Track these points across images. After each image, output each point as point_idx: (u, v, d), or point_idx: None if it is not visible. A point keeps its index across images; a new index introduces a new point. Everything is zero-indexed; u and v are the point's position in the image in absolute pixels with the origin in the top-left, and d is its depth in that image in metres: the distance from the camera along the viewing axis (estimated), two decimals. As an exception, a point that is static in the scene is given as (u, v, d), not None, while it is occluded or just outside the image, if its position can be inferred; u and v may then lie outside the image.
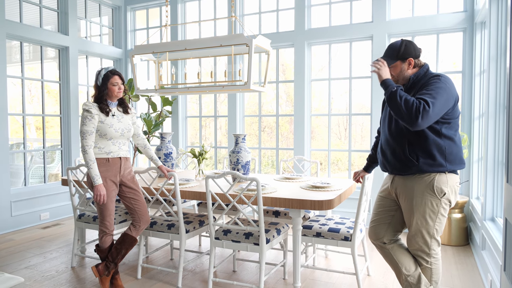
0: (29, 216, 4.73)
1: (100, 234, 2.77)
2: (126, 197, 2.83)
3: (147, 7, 5.98)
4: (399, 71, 2.17)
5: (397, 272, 2.31)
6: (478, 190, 3.99)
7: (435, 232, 2.15)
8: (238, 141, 3.39)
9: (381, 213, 2.39)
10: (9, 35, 4.48)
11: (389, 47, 2.19)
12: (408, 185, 2.16)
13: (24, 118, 4.79)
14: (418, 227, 2.16)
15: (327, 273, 3.22)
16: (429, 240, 2.15)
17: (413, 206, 2.14)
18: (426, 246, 2.16)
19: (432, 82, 2.04)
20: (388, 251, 2.34)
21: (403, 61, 2.15)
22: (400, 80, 2.21)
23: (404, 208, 2.22)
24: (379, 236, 2.37)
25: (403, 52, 2.14)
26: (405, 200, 2.20)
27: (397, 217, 2.35)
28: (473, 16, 4.08)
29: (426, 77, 2.12)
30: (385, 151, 2.25)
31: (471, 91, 4.13)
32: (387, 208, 2.37)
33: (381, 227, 2.37)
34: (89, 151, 2.61)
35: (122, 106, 2.83)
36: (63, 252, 3.79)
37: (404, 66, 2.15)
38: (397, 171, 2.19)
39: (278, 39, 4.94)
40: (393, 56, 2.16)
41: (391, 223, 2.36)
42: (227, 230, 2.80)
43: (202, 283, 3.04)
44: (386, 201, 2.38)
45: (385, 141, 2.26)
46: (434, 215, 2.12)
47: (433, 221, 2.13)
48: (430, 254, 2.17)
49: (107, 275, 2.79)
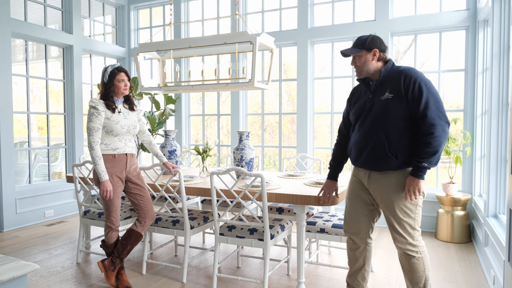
0: (33, 213, 4.76)
1: (106, 229, 2.80)
2: (132, 193, 2.86)
3: (150, 6, 6.01)
4: (363, 61, 2.21)
5: (359, 267, 2.41)
6: (481, 187, 4.01)
7: (416, 224, 2.21)
8: (242, 138, 3.42)
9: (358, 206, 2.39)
10: (14, 34, 4.52)
11: (357, 38, 2.26)
12: (386, 180, 2.19)
13: (29, 116, 4.83)
14: (401, 222, 2.18)
15: (330, 269, 3.24)
16: (412, 232, 2.20)
17: (394, 201, 2.17)
18: (412, 239, 2.20)
19: (420, 87, 2.07)
20: (365, 246, 2.40)
21: (369, 51, 2.20)
22: (363, 72, 2.23)
23: (384, 203, 2.22)
24: (359, 230, 2.38)
25: (369, 43, 2.20)
26: (384, 195, 2.20)
27: (373, 212, 2.38)
28: (475, 14, 4.09)
29: (396, 72, 2.18)
30: (362, 148, 2.24)
31: (473, 89, 4.14)
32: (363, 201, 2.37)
33: (360, 220, 2.38)
34: (95, 147, 2.63)
35: (128, 103, 2.86)
36: (68, 249, 3.82)
37: (369, 56, 2.21)
38: (375, 167, 2.20)
39: (281, 38, 4.96)
40: (360, 46, 2.22)
41: (368, 217, 2.38)
42: (231, 226, 2.82)
43: (206, 279, 3.07)
44: (362, 194, 2.37)
45: (363, 137, 2.24)
46: (414, 207, 2.18)
47: (413, 213, 2.18)
48: (417, 245, 2.21)
49: (112, 270, 2.82)
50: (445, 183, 4.05)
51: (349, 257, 2.48)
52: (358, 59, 2.22)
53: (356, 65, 2.24)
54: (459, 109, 4.36)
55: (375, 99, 2.21)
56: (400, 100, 2.10)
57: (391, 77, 2.18)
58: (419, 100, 2.06)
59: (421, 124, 2.07)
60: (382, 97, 2.17)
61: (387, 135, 2.13)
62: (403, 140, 2.11)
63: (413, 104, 2.08)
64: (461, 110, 4.29)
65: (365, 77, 2.26)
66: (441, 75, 4.38)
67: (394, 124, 2.12)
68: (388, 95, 2.14)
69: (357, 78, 2.32)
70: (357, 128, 2.30)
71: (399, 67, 2.20)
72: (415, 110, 2.08)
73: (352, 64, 2.27)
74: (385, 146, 2.13)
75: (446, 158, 4.28)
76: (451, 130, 4.44)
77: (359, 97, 2.34)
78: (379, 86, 2.21)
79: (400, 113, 2.11)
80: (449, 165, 4.14)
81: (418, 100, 2.06)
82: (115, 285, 2.84)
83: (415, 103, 2.08)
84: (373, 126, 2.18)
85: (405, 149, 2.11)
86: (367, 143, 2.21)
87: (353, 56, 2.25)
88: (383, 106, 2.15)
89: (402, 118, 2.11)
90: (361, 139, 2.25)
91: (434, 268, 3.27)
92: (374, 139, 2.17)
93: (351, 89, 2.55)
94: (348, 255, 2.48)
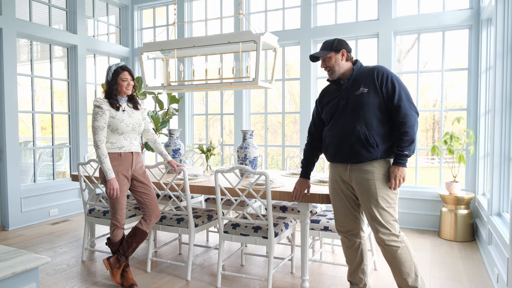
0: (38, 212, 4.80)
1: (112, 227, 2.82)
2: (137, 192, 2.88)
3: (153, 6, 6.04)
4: (334, 62, 2.33)
5: (358, 263, 2.46)
6: (484, 186, 4.01)
7: (395, 214, 2.28)
8: (246, 137, 3.43)
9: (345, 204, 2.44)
10: (19, 34, 4.55)
11: (324, 42, 2.39)
12: (368, 171, 2.25)
13: (34, 116, 4.86)
14: (383, 212, 2.23)
15: (334, 267, 3.25)
16: (394, 223, 2.26)
17: (376, 190, 2.23)
18: (394, 230, 2.26)
19: (392, 81, 2.23)
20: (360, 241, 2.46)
21: (337, 52, 2.32)
22: (336, 72, 2.33)
23: (366, 194, 2.26)
24: (351, 227, 2.43)
25: (336, 45, 2.33)
26: (366, 185, 2.25)
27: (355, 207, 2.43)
28: (479, 13, 4.10)
29: (366, 70, 2.32)
30: (341, 143, 2.29)
31: (477, 88, 4.15)
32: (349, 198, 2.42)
33: (349, 217, 2.42)
34: (101, 146, 2.66)
35: (132, 102, 2.88)
36: (73, 247, 3.84)
37: (338, 56, 2.32)
38: (356, 159, 2.26)
39: (284, 37, 4.98)
40: (328, 48, 2.34)
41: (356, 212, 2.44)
42: (235, 224, 2.84)
43: (210, 277, 3.09)
44: (344, 189, 2.40)
45: (341, 133, 2.29)
46: (394, 196, 2.27)
47: (394, 203, 2.27)
48: (399, 235, 2.27)
49: (118, 268, 2.84)
50: (449, 182, 4.05)
51: (347, 255, 2.51)
52: (328, 60, 2.34)
53: (327, 66, 2.35)
54: (463, 108, 4.36)
55: (349, 95, 2.31)
56: (375, 93, 2.24)
57: (362, 74, 2.32)
58: (392, 94, 2.22)
59: (396, 115, 2.22)
60: (357, 92, 2.28)
61: (367, 125, 2.22)
62: (382, 129, 2.24)
63: (387, 97, 2.22)
64: (465, 109, 4.30)
65: (337, 78, 2.36)
66: (444, 74, 4.39)
67: (372, 114, 2.23)
68: (363, 89, 2.26)
69: (329, 79, 2.43)
70: (331, 126, 2.37)
71: (368, 66, 2.36)
72: (390, 102, 2.23)
73: (322, 66, 2.39)
74: (366, 137, 2.21)
75: (449, 157, 4.29)
76: (455, 129, 4.45)
77: (330, 96, 2.43)
78: (351, 84, 2.32)
79: (377, 105, 2.23)
80: (453, 164, 4.14)
81: (392, 94, 2.22)
82: (121, 282, 2.86)
83: (388, 96, 2.23)
84: (352, 119, 2.26)
85: (384, 139, 2.24)
86: (347, 137, 2.27)
87: (323, 59, 2.36)
88: (360, 99, 2.25)
89: (379, 110, 2.23)
90: (338, 135, 2.32)
91: (438, 266, 3.28)
92: (354, 131, 2.24)
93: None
94: (345, 253, 2.52)
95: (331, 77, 2.37)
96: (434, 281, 2.99)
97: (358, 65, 2.36)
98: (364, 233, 2.46)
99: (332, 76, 2.36)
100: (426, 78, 5.33)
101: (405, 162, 2.21)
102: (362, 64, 2.39)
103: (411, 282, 2.25)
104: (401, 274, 2.26)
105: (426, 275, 3.09)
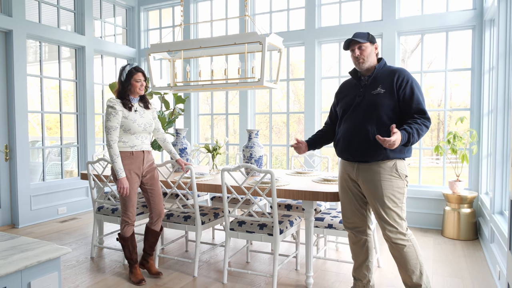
0: (47, 210, 4.89)
1: (122, 224, 2.90)
2: (144, 188, 2.97)
3: (160, 8, 6.12)
4: (368, 53, 2.32)
5: (363, 259, 2.51)
6: (487, 185, 4.05)
7: (403, 214, 2.31)
8: (251, 136, 3.50)
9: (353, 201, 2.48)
10: (29, 35, 4.64)
11: (357, 33, 2.35)
12: (375, 171, 2.28)
13: (42, 116, 4.95)
14: (389, 211, 2.27)
15: (338, 264, 3.31)
16: (400, 222, 2.30)
17: (383, 190, 2.26)
18: (402, 228, 2.29)
19: (412, 87, 2.25)
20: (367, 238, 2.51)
21: (372, 44, 2.34)
22: (366, 63, 2.32)
23: (373, 194, 2.30)
24: (358, 224, 2.49)
25: (371, 37, 2.34)
26: (373, 185, 2.29)
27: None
28: (482, 13, 4.13)
29: (388, 71, 2.33)
30: (351, 140, 2.32)
31: (480, 88, 4.18)
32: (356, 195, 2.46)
33: (357, 214, 2.47)
34: (113, 146, 2.74)
35: (143, 101, 2.96)
36: (82, 244, 3.93)
37: (372, 48, 2.34)
38: (364, 158, 2.29)
39: (288, 38, 5.04)
40: (365, 38, 2.32)
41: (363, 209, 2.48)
42: (241, 221, 2.90)
43: (217, 273, 3.15)
44: (352, 187, 2.44)
45: (351, 129, 2.33)
46: (401, 196, 2.30)
47: (401, 202, 2.29)
48: (406, 234, 2.30)
49: (146, 263, 3.09)
50: (452, 181, 4.09)
51: (353, 251, 2.57)
52: (364, 49, 2.31)
53: (360, 55, 2.31)
54: (466, 108, 4.40)
55: (366, 93, 2.33)
56: (391, 95, 2.25)
57: (383, 75, 2.32)
58: (411, 98, 2.23)
59: (418, 115, 2.23)
60: (373, 91, 2.29)
61: (377, 126, 2.24)
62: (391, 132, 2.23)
63: (403, 101, 2.24)
64: (468, 109, 4.33)
65: (365, 69, 2.34)
66: (448, 74, 4.43)
67: (384, 116, 2.24)
68: (380, 89, 2.28)
69: (351, 71, 2.44)
70: (344, 121, 2.41)
71: (391, 67, 2.36)
72: (406, 106, 2.23)
73: (356, 55, 2.31)
74: (375, 137, 2.22)
75: (453, 157, 4.32)
76: (459, 129, 4.48)
77: (348, 91, 2.46)
78: (371, 82, 2.33)
79: (391, 106, 2.25)
80: (456, 163, 4.18)
81: (410, 98, 2.23)
82: (142, 277, 2.96)
83: (405, 101, 2.23)
84: (364, 118, 2.29)
85: None
86: (356, 134, 2.30)
87: (358, 46, 2.31)
88: (375, 99, 2.27)
89: (392, 111, 2.25)
90: (349, 131, 2.35)
91: (441, 264, 3.33)
92: (364, 130, 2.27)
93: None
94: (352, 249, 2.57)
95: (359, 67, 2.35)
96: (437, 278, 3.03)
97: (382, 63, 2.36)
98: (371, 230, 2.52)
99: (361, 67, 2.34)
100: (430, 78, 5.37)
101: (404, 139, 2.12)
102: (386, 63, 2.39)
103: (416, 279, 2.31)
104: (406, 271, 2.32)
105: (429, 272, 3.13)
